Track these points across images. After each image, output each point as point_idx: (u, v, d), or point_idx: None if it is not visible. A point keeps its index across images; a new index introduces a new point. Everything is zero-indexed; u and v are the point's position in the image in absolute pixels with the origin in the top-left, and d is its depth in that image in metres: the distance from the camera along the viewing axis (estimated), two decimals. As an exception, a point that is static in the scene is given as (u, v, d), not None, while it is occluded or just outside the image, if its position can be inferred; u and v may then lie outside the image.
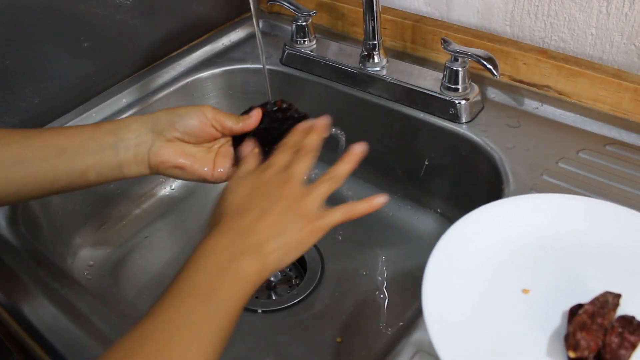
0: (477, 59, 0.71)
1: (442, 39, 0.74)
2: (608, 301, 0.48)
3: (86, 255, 0.83)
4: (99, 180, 0.58)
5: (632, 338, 0.46)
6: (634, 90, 0.70)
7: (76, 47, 0.83)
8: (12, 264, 0.63)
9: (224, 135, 0.60)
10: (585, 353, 0.45)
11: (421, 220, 0.86)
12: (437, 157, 0.81)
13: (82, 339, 0.55)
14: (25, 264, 0.63)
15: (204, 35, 1.00)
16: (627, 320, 0.47)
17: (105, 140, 0.56)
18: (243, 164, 0.58)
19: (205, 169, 0.59)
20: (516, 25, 0.81)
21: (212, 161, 0.60)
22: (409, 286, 0.78)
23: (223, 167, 0.60)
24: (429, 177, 0.84)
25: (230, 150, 0.61)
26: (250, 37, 1.01)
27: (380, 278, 0.80)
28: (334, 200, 0.93)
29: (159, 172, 0.59)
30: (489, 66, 0.70)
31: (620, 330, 0.46)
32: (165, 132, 0.57)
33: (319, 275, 0.80)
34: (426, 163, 0.82)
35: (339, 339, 0.72)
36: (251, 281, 0.48)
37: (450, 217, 0.83)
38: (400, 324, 0.73)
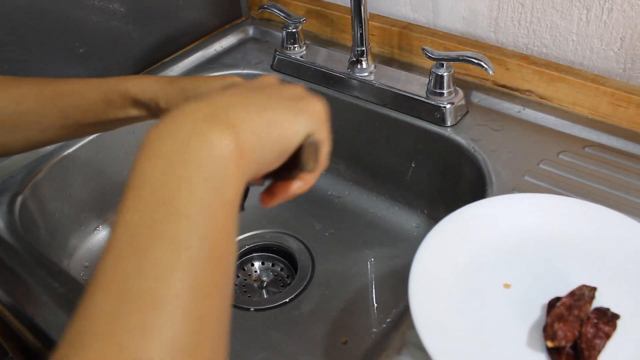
0: (469, 59, 0.73)
1: (423, 48, 0.76)
2: (584, 294, 0.51)
3: (82, 257, 0.84)
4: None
5: (607, 328, 0.48)
6: (611, 94, 0.72)
7: (71, 53, 0.84)
8: (12, 264, 0.64)
9: None
10: (563, 343, 0.47)
11: (408, 220, 0.88)
12: (423, 159, 0.83)
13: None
14: (25, 264, 0.64)
15: (197, 41, 1.01)
16: (602, 312, 0.50)
17: (118, 116, 0.60)
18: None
19: None
20: (500, 32, 0.83)
21: None
22: (397, 284, 0.79)
23: None
24: (415, 179, 0.86)
25: None
26: (242, 43, 1.02)
27: (369, 277, 0.82)
28: (319, 200, 0.94)
29: None
30: (485, 65, 0.72)
31: (595, 321, 0.49)
32: None
33: (309, 275, 0.82)
34: (413, 165, 0.84)
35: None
36: (228, 161, 0.32)
37: (436, 218, 0.85)
38: (388, 320, 0.75)
